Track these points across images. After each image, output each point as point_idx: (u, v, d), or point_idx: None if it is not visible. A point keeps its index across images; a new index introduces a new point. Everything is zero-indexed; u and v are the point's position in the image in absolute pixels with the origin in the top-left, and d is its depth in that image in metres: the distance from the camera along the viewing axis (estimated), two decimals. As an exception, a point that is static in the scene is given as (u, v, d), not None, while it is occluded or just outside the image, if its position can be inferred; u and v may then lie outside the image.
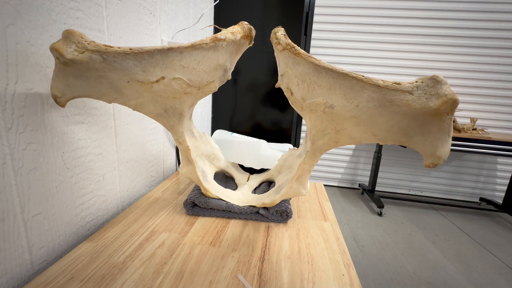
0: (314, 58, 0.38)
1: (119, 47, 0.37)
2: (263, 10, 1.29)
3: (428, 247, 1.82)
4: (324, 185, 2.95)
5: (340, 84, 0.38)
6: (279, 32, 0.43)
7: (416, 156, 2.74)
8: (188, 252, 0.46)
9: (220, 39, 0.41)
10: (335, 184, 2.93)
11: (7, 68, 0.37)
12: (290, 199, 0.65)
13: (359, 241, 1.84)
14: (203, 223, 0.57)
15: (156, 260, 0.44)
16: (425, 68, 2.54)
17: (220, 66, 0.43)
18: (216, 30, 1.28)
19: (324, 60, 2.65)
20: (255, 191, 0.66)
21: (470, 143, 2.10)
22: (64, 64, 0.37)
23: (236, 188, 0.66)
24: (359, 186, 2.84)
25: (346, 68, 2.64)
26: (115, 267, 0.42)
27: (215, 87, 0.46)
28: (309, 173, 0.50)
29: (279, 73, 0.46)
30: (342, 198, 2.61)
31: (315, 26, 2.61)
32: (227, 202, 0.58)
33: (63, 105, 0.40)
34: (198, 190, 0.61)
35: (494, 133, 2.44)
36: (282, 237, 0.53)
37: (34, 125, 0.40)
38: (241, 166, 0.79)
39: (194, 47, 0.39)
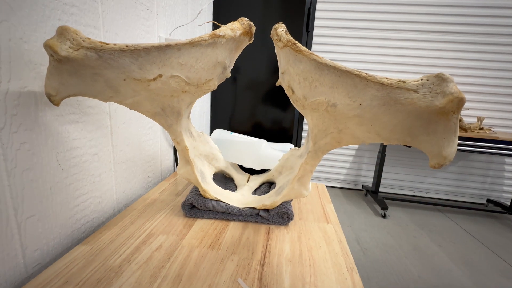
0: (316, 56, 0.38)
1: (115, 44, 0.36)
2: (263, 6, 1.29)
3: (433, 250, 1.81)
4: (326, 186, 2.95)
5: (343, 82, 0.38)
6: (280, 29, 0.43)
7: (421, 156, 2.74)
8: (186, 255, 0.46)
9: (219, 36, 0.41)
10: (338, 185, 2.93)
11: (0, 65, 0.36)
12: (291, 200, 0.65)
13: (362, 244, 1.84)
14: (201, 225, 0.56)
15: (154, 263, 0.44)
16: (431, 65, 2.54)
17: (219, 64, 0.43)
18: (215, 27, 1.28)
19: (327, 57, 2.65)
20: (255, 192, 0.66)
21: (477, 143, 2.10)
22: (58, 61, 0.37)
23: (236, 190, 0.66)
24: (362, 187, 2.84)
25: (349, 66, 2.64)
26: (111, 270, 0.42)
27: (214, 85, 0.45)
28: (311, 173, 0.50)
29: (280, 70, 0.46)
30: (345, 200, 2.61)
31: (317, 22, 2.60)
32: (226, 204, 0.58)
33: (57, 104, 0.40)
34: (196, 192, 0.61)
35: (501, 132, 2.44)
36: (283, 239, 0.53)
37: (27, 125, 0.40)
38: (241, 167, 0.79)
39: (192, 44, 0.39)
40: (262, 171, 0.79)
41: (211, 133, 1.42)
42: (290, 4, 1.29)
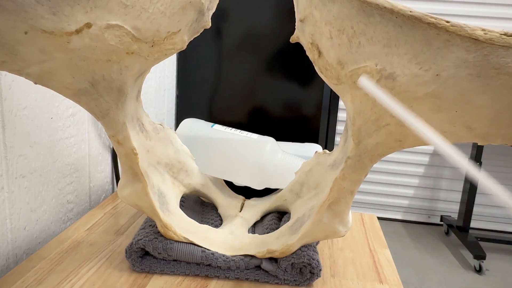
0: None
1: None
2: None
3: None
4: (379, 218, 2.42)
5: (407, 36, 0.32)
6: None
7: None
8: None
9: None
10: (399, 216, 2.31)
11: None
12: (317, 243, 0.56)
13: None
14: (161, 286, 0.47)
15: None
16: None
17: (191, 4, 0.37)
18: None
19: None
20: (254, 228, 0.58)
21: None
22: None
23: (221, 224, 0.58)
24: (441, 220, 2.22)
25: (415, 7, 2.23)
26: None
27: (183, 41, 0.39)
28: (352, 196, 0.43)
29: (298, 17, 0.39)
30: (411, 242, 2.06)
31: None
32: (203, 250, 0.50)
33: None
34: (151, 228, 0.52)
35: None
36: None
37: None
38: (229, 185, 0.70)
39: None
40: (267, 191, 0.69)
41: (177, 125, 1.25)
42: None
